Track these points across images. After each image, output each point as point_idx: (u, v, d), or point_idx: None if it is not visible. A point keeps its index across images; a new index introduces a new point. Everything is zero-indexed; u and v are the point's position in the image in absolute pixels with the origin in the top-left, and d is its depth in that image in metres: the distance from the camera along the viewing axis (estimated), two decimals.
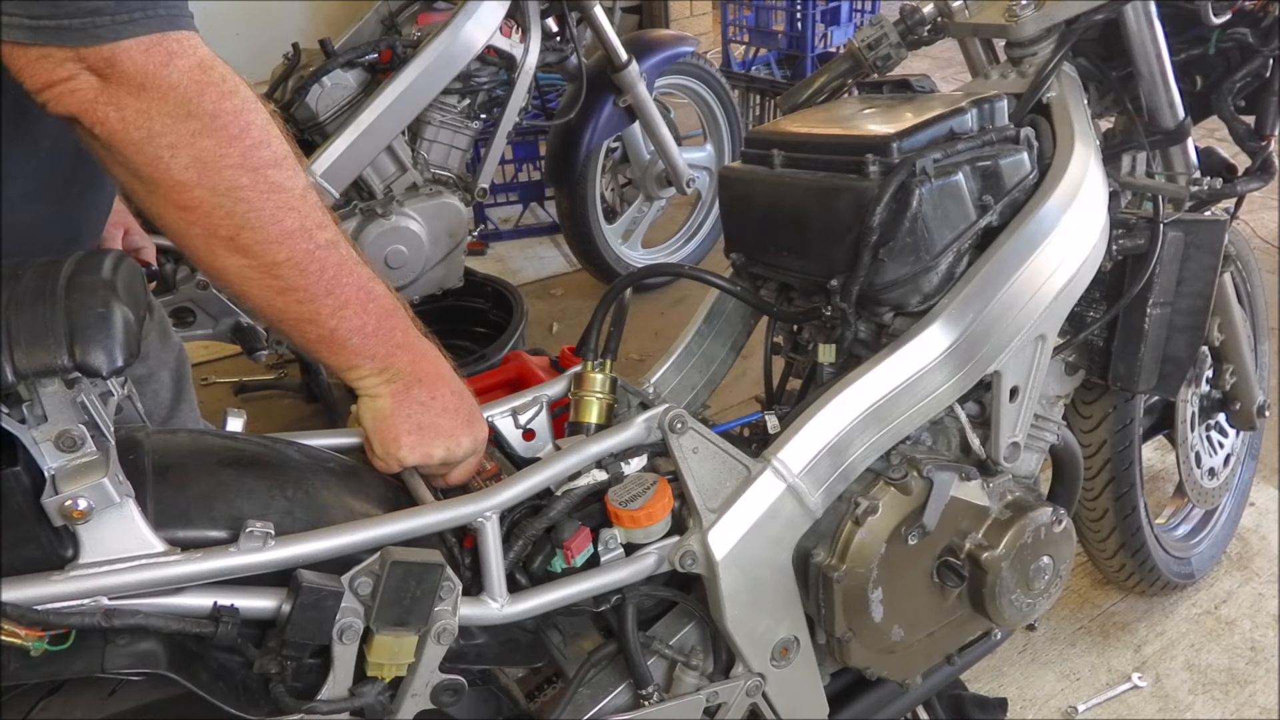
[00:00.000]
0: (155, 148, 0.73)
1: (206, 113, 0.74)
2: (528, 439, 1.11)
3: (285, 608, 0.80)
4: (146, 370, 1.26)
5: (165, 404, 1.29)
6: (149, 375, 1.26)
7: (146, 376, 1.26)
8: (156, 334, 1.28)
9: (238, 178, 0.76)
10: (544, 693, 1.17)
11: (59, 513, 0.71)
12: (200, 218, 0.77)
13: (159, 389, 1.28)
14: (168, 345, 1.31)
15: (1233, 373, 1.67)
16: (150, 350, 1.26)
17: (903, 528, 1.07)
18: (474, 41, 2.18)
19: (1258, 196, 3.22)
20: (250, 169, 0.77)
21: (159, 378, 1.29)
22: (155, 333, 1.27)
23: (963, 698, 1.47)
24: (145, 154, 0.73)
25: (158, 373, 1.28)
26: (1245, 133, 1.38)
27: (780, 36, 4.00)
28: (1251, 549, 1.99)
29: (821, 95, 1.44)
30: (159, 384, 1.29)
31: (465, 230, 2.36)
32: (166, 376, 1.30)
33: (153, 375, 1.27)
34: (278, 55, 2.29)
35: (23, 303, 0.70)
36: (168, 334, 1.32)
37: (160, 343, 1.29)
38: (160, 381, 1.29)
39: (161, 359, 1.29)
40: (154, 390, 1.27)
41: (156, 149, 0.73)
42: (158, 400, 1.27)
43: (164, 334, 1.31)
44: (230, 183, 0.76)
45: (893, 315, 1.11)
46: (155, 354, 1.27)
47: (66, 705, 0.79)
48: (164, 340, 1.30)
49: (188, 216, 0.77)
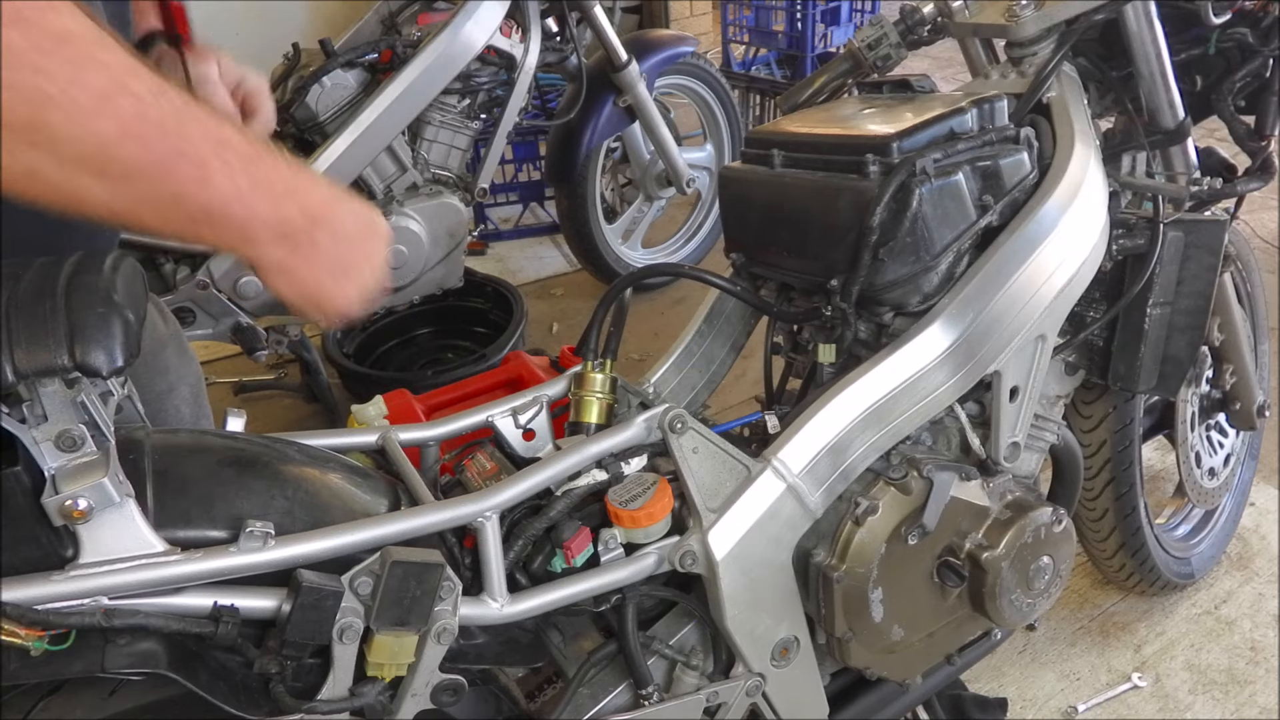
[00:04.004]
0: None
1: None
2: (528, 439, 1.11)
3: (285, 608, 0.80)
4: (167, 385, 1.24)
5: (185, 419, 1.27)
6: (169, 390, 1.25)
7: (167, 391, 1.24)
8: (174, 348, 1.26)
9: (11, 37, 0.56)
10: (544, 693, 1.17)
11: (59, 513, 0.71)
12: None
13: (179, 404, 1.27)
14: (185, 359, 1.29)
15: (1233, 373, 1.67)
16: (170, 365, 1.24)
17: (903, 528, 1.07)
18: (474, 41, 2.18)
19: (1258, 196, 3.22)
20: (20, 21, 0.57)
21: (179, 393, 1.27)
22: (173, 346, 1.26)
23: (963, 698, 1.47)
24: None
25: (178, 387, 1.27)
26: (1245, 133, 1.38)
27: (780, 36, 4.00)
28: (1251, 549, 1.99)
29: (821, 95, 1.44)
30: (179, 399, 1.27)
31: (465, 230, 2.36)
32: (186, 392, 1.28)
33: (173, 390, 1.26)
34: (278, 55, 2.29)
35: (23, 303, 0.70)
36: (185, 349, 1.30)
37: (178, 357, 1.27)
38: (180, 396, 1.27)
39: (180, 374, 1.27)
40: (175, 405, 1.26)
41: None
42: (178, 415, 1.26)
43: (181, 348, 1.29)
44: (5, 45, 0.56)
45: (893, 315, 1.11)
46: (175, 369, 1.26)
47: (66, 705, 0.79)
48: (181, 355, 1.29)
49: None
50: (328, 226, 0.80)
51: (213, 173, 0.68)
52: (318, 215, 0.79)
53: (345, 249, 0.82)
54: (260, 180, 0.72)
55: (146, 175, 0.65)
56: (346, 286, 0.84)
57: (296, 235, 0.77)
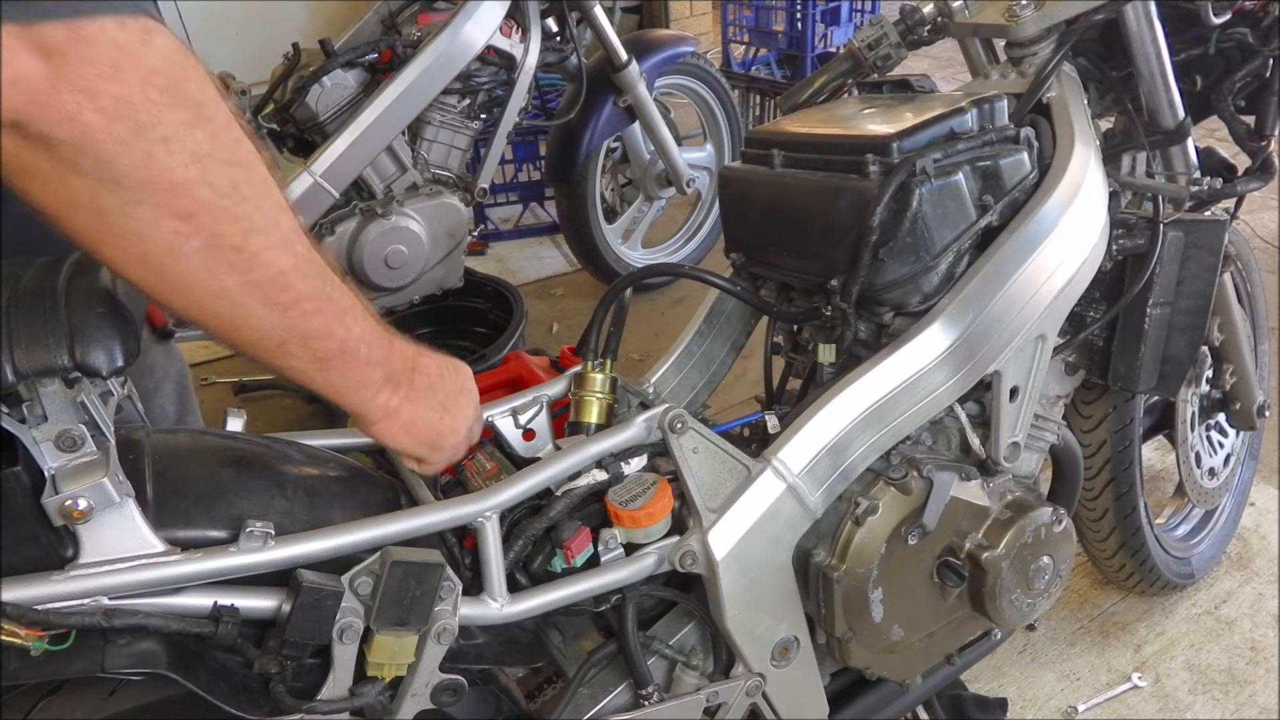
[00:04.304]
0: (147, 142, 0.59)
1: (194, 100, 0.61)
2: (528, 439, 1.11)
3: (285, 608, 0.80)
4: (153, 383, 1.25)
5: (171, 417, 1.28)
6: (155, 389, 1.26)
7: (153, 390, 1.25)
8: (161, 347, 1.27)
9: (235, 174, 0.64)
10: (544, 693, 1.17)
11: (59, 513, 0.71)
12: (203, 226, 0.64)
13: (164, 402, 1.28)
14: (170, 357, 1.30)
15: (1233, 373, 1.67)
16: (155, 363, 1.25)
17: (903, 528, 1.07)
18: (474, 41, 2.18)
19: (1258, 196, 3.22)
20: (242, 164, 0.65)
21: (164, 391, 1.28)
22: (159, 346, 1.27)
23: (963, 698, 1.47)
24: (135, 152, 0.59)
25: (163, 385, 1.28)
26: (1245, 133, 1.38)
27: (780, 36, 4.00)
28: (1251, 549, 1.99)
29: (821, 95, 1.44)
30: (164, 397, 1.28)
31: (465, 230, 2.36)
32: (171, 389, 1.29)
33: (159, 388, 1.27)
34: (278, 55, 2.29)
35: (23, 303, 0.70)
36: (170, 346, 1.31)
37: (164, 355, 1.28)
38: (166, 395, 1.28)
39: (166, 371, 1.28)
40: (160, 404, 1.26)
41: (149, 144, 0.59)
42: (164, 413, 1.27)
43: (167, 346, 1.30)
44: (231, 179, 0.64)
45: (893, 315, 1.11)
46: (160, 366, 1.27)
47: (66, 705, 0.79)
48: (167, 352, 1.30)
49: (187, 227, 0.63)
50: (423, 372, 0.88)
51: (350, 315, 0.77)
52: (413, 363, 0.87)
53: (441, 388, 0.90)
54: (372, 329, 0.80)
55: (303, 308, 0.72)
56: (453, 421, 0.91)
57: (399, 378, 0.85)
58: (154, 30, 0.59)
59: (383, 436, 0.87)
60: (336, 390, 0.80)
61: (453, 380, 0.92)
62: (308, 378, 0.78)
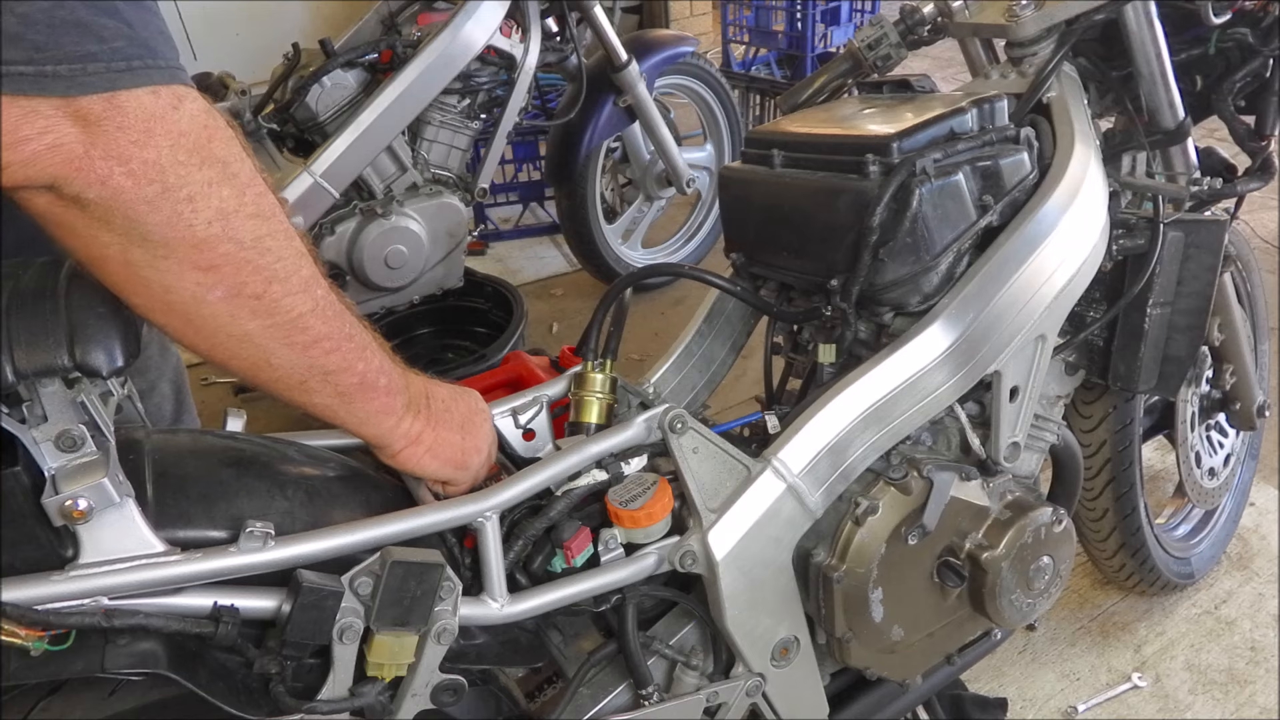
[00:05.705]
0: (173, 202, 0.63)
1: (219, 159, 0.66)
2: (528, 439, 1.11)
3: (285, 608, 0.80)
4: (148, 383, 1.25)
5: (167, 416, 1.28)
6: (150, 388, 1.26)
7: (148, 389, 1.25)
8: (156, 345, 1.27)
9: (258, 227, 0.69)
10: (544, 693, 1.17)
11: (59, 513, 0.71)
12: (226, 276, 0.68)
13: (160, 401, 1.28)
14: (166, 356, 1.31)
15: (1233, 373, 1.67)
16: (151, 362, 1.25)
17: (903, 528, 1.07)
18: (474, 41, 2.18)
19: (1258, 196, 3.22)
20: (264, 216, 0.70)
21: (160, 389, 1.28)
22: (155, 344, 1.27)
23: (963, 698, 1.47)
24: (162, 212, 0.63)
25: (158, 384, 1.28)
26: (1245, 133, 1.38)
27: (780, 36, 4.00)
28: (1251, 549, 1.99)
29: (821, 95, 1.44)
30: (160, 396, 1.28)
31: (465, 230, 2.36)
32: (167, 388, 1.29)
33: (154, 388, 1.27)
34: (278, 55, 2.30)
35: (23, 303, 0.70)
36: (166, 345, 1.31)
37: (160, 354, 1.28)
38: (161, 394, 1.28)
39: (161, 370, 1.29)
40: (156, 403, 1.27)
41: (175, 204, 0.63)
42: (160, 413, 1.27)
43: (162, 345, 1.30)
44: (254, 232, 0.69)
45: (893, 315, 1.11)
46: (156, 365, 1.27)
47: (66, 705, 0.79)
48: (163, 352, 1.30)
49: (210, 279, 0.67)
50: (437, 398, 0.92)
51: (369, 350, 0.81)
52: (427, 390, 0.91)
53: (457, 410, 0.93)
54: (389, 362, 0.84)
55: (323, 347, 0.76)
56: (475, 440, 0.94)
57: (418, 404, 0.88)
58: (184, 96, 0.64)
59: (408, 464, 0.90)
60: (360, 421, 0.83)
61: (465, 403, 0.95)
62: (331, 412, 0.81)
